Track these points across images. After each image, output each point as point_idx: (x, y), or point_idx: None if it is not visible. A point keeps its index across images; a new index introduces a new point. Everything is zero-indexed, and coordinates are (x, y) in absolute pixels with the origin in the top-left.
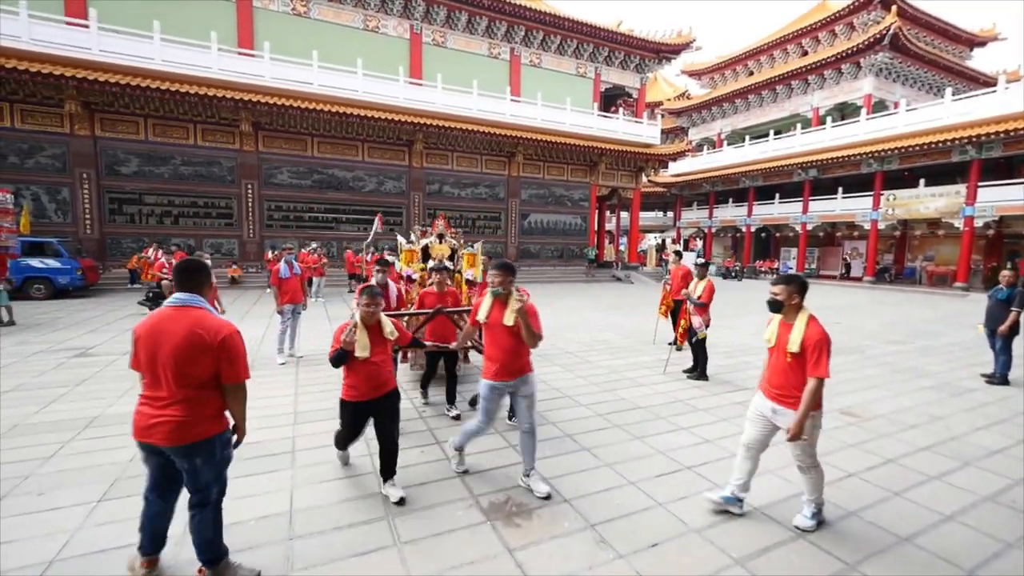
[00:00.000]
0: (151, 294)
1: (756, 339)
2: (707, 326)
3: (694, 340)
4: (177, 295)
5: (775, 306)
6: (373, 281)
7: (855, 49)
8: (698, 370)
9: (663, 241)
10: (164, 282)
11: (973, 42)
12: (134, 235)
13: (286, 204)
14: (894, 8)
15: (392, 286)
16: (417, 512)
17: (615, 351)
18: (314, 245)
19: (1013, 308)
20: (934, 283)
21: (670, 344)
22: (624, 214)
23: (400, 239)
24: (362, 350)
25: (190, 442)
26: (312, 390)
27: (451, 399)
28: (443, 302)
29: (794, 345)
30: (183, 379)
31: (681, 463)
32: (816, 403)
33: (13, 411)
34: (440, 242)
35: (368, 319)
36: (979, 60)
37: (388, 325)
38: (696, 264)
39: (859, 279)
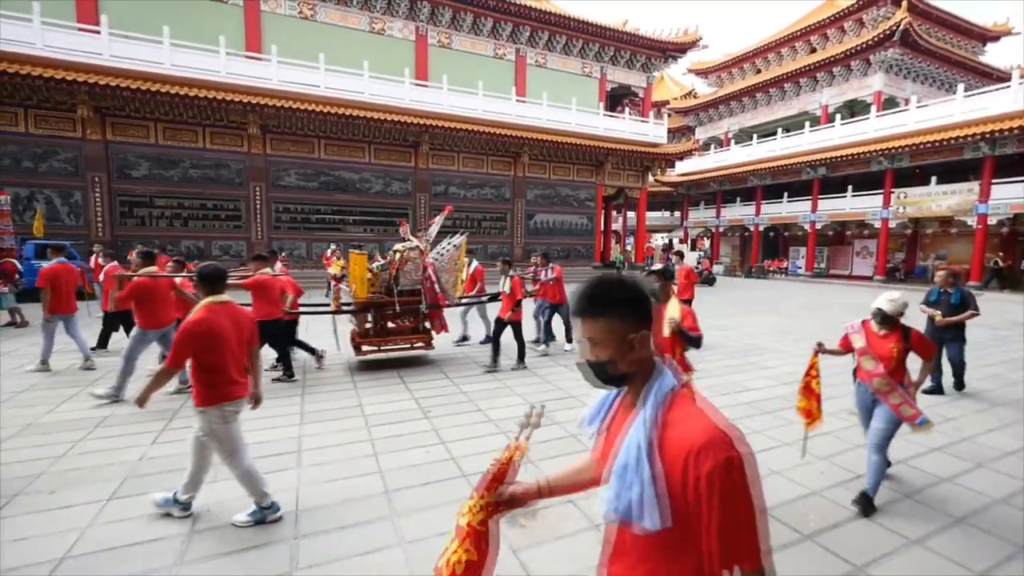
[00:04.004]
0: None
1: (764, 338)
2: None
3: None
4: None
5: None
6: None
7: (865, 45)
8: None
9: (670, 241)
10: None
11: (986, 37)
12: (145, 237)
13: (294, 206)
14: (904, 3)
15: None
16: (421, 511)
17: None
18: (332, 247)
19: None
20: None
21: None
22: (631, 214)
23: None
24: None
25: None
26: (318, 391)
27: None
28: (275, 283)
29: None
30: None
31: None
32: (199, 394)
33: (26, 411)
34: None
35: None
36: (992, 55)
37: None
38: (675, 254)
39: (869, 278)
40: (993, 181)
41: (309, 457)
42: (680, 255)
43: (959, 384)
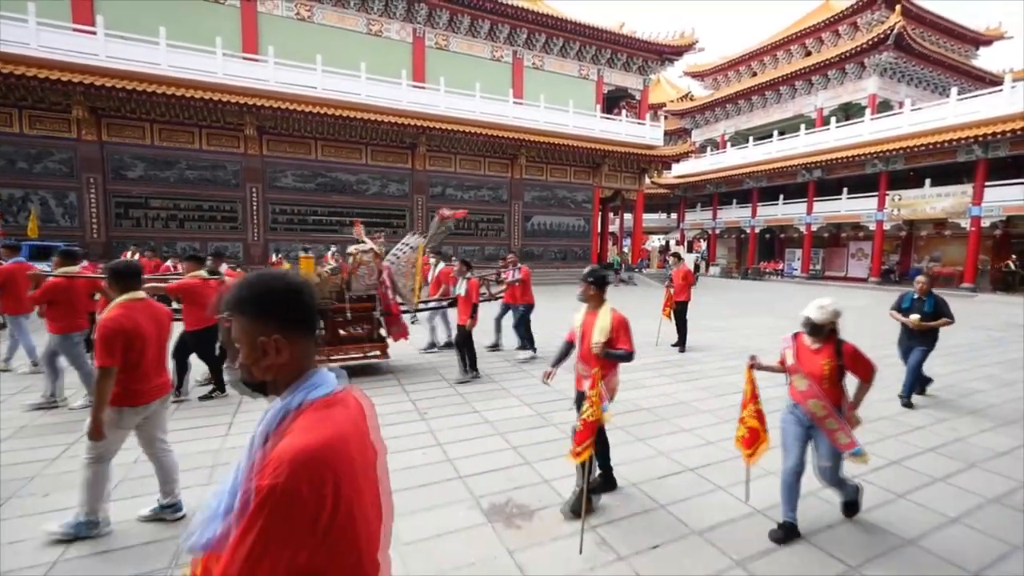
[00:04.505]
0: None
1: (760, 340)
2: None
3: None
4: None
5: None
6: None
7: (859, 49)
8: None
9: (667, 243)
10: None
11: (979, 41)
12: (140, 239)
13: (290, 207)
14: (898, 8)
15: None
16: (418, 513)
17: None
18: (334, 249)
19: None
20: (940, 284)
21: (673, 346)
22: (628, 216)
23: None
24: None
25: None
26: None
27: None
28: (207, 288)
29: None
30: None
31: (684, 465)
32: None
33: (21, 412)
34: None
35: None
36: (985, 59)
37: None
38: (672, 255)
39: (865, 280)
40: (986, 184)
41: None
42: (677, 256)
43: (907, 395)
